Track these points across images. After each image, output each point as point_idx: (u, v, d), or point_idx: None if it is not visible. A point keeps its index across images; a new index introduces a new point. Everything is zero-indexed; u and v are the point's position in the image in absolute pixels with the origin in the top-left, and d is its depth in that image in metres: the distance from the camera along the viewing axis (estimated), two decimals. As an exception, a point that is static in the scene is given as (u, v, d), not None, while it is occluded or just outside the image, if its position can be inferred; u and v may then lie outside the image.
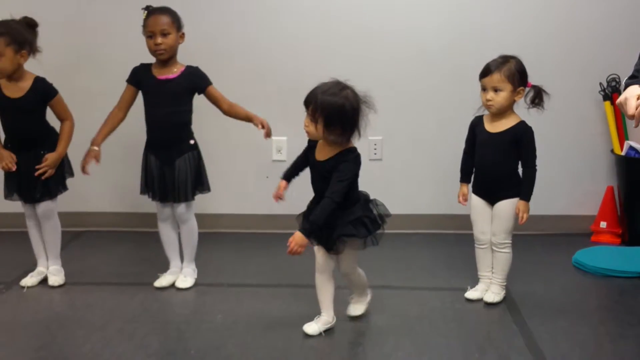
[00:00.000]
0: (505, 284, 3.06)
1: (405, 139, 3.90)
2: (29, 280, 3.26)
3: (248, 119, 3.21)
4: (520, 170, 2.97)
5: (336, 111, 2.51)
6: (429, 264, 3.54)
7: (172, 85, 3.10)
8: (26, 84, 3.08)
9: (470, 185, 3.09)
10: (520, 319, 2.91)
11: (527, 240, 3.65)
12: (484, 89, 2.89)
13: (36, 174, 3.07)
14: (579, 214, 3.98)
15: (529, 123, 2.94)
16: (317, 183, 2.70)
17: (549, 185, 3.59)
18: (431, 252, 3.69)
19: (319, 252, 2.75)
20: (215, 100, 3.17)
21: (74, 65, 3.83)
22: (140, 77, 3.16)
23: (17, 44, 2.99)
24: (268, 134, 3.23)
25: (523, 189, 2.91)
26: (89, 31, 3.91)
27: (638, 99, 2.04)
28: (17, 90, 3.07)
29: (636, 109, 2.03)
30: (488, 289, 3.05)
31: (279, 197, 2.86)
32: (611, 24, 3.82)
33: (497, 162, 2.94)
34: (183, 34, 3.13)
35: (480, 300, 3.05)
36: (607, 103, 3.85)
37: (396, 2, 3.86)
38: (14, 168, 3.09)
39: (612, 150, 3.91)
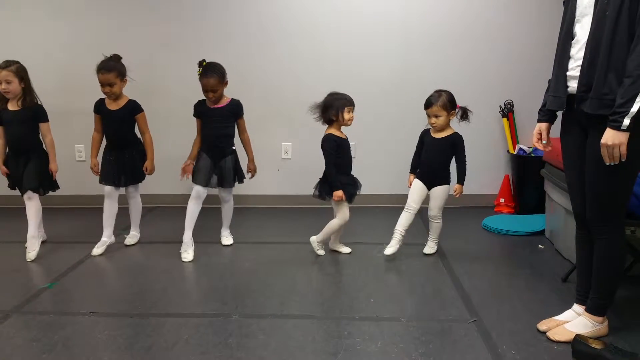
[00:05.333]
0: (437, 241, 3.07)
1: (371, 143, 3.89)
2: (96, 250, 3.08)
3: (249, 158, 3.16)
4: (450, 167, 2.95)
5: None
6: (387, 228, 3.50)
7: (219, 111, 3.01)
8: (122, 102, 3.02)
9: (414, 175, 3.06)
10: (447, 263, 2.92)
11: (451, 211, 3.63)
12: (428, 116, 2.87)
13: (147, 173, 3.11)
14: (486, 193, 3.98)
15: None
16: (351, 155, 2.95)
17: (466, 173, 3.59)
18: (389, 220, 3.66)
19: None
20: (239, 128, 3.10)
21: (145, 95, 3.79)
22: (199, 110, 3.06)
23: (121, 75, 2.97)
24: (252, 175, 3.20)
25: (459, 176, 2.90)
26: (159, 71, 3.87)
27: (539, 132, 2.17)
28: (116, 105, 3.02)
29: (536, 142, 2.18)
30: (399, 244, 2.90)
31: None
32: (508, 67, 3.82)
33: (438, 158, 2.91)
34: (226, 81, 2.99)
35: (393, 254, 2.93)
36: (505, 119, 3.85)
37: (362, 55, 3.83)
38: (97, 175, 3.10)
39: (508, 151, 3.92)
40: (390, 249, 2.91)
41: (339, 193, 2.85)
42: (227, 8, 3.81)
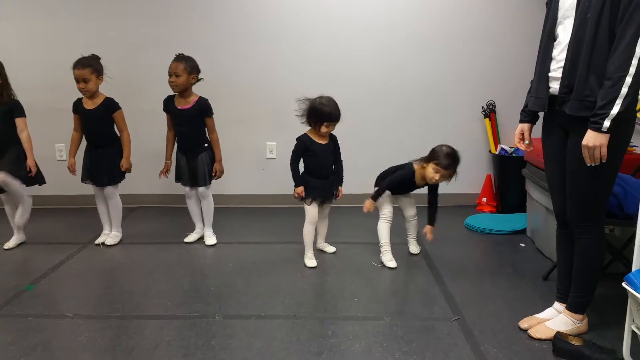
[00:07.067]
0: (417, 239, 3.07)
1: (356, 143, 3.87)
2: (100, 239, 3.21)
3: (216, 159, 3.10)
4: None
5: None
6: (372, 228, 3.50)
7: (187, 113, 3.03)
8: (99, 100, 3.01)
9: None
10: (430, 262, 2.93)
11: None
12: (437, 171, 2.77)
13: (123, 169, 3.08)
14: (469, 192, 3.99)
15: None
16: (329, 160, 2.88)
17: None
18: (374, 220, 3.65)
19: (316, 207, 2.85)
20: (208, 128, 3.08)
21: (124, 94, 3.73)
22: (168, 106, 3.08)
23: (97, 72, 2.95)
24: (217, 177, 3.15)
25: (432, 219, 2.95)
26: (142, 70, 3.82)
27: (521, 133, 2.20)
28: (92, 104, 3.01)
29: (518, 142, 2.21)
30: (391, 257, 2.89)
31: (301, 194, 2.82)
32: (491, 68, 3.84)
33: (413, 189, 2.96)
34: (195, 76, 2.98)
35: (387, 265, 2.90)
36: (487, 120, 3.88)
37: (348, 55, 3.81)
38: (73, 174, 3.12)
39: (489, 151, 3.95)
40: (393, 262, 2.87)
41: (298, 189, 2.81)
42: (212, 8, 3.77)
